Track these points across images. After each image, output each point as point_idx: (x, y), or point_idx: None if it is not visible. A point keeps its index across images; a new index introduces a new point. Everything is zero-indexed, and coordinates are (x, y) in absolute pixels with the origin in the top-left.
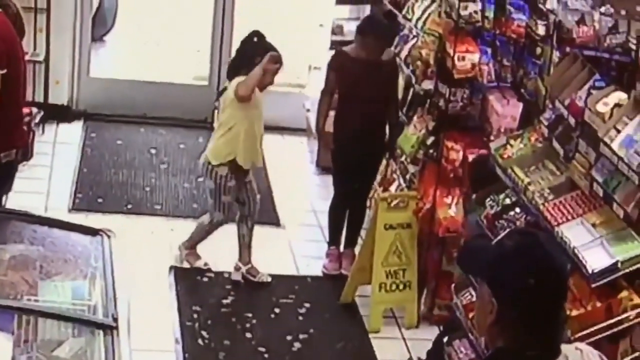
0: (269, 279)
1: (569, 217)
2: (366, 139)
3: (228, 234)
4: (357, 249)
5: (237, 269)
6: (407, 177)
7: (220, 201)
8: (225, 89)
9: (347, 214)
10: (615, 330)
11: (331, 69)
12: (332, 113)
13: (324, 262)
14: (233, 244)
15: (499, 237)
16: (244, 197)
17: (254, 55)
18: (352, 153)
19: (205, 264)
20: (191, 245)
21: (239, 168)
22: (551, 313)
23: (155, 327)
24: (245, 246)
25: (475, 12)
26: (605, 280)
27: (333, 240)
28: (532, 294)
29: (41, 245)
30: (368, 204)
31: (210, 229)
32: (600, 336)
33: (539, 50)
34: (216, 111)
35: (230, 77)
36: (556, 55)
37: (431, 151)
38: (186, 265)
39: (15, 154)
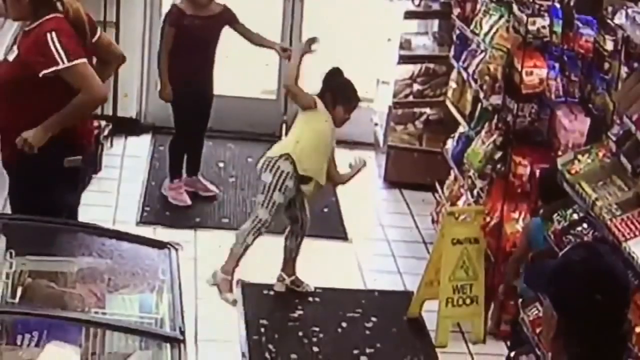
0: (312, 289)
1: (637, 233)
2: (202, 84)
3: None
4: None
5: (280, 280)
6: (475, 191)
7: (272, 198)
8: None
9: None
10: None
11: (168, 25)
12: None
13: (172, 195)
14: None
15: (563, 252)
16: (296, 214)
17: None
18: (192, 98)
19: (234, 301)
20: (230, 266)
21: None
22: (615, 326)
23: (222, 341)
24: (290, 259)
25: (543, 27)
26: None
27: (176, 174)
28: (597, 309)
29: (109, 258)
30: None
31: (252, 233)
32: None
33: (607, 65)
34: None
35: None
36: (624, 70)
37: (499, 166)
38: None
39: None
